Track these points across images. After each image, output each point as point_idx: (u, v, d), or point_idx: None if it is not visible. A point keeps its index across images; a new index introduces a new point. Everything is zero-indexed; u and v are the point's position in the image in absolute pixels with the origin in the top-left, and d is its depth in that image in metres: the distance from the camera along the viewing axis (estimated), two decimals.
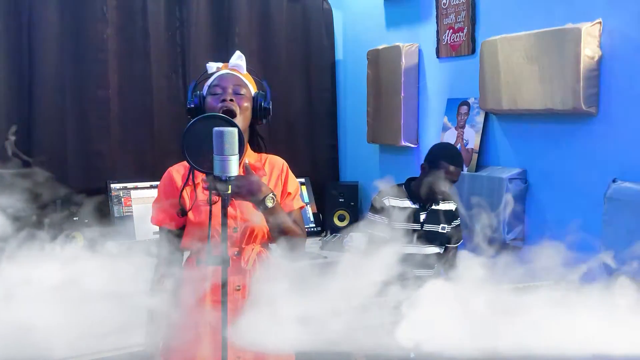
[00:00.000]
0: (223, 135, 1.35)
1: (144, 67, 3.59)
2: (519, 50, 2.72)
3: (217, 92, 1.82)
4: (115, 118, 3.52)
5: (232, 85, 1.84)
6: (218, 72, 1.90)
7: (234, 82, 1.85)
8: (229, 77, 1.86)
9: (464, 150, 3.17)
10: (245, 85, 1.88)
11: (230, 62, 1.92)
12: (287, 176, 1.94)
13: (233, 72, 1.89)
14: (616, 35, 2.40)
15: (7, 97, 3.23)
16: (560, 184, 2.69)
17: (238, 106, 1.80)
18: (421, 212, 2.81)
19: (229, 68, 1.91)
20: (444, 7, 3.37)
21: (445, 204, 2.87)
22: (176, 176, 1.88)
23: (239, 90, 1.84)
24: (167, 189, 1.88)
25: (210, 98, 1.83)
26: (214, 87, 1.84)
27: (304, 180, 3.98)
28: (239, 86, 1.85)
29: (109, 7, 3.46)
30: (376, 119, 3.87)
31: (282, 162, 1.96)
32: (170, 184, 1.88)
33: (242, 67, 1.91)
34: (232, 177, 1.38)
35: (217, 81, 1.85)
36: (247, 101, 1.85)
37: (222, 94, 1.81)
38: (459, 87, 3.31)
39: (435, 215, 2.83)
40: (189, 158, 1.56)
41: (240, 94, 1.83)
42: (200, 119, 1.56)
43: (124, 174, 3.48)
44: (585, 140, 2.56)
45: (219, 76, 1.87)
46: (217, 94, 1.82)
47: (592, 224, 2.43)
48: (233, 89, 1.83)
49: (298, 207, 1.93)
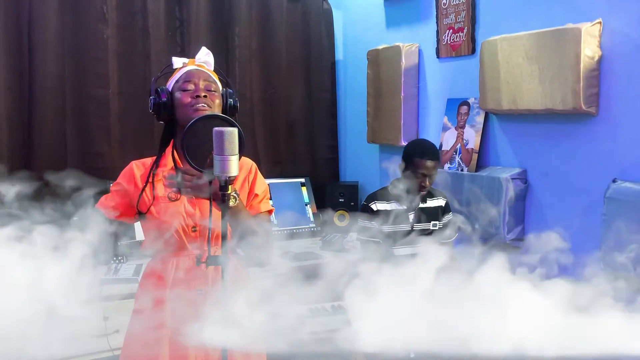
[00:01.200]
0: (223, 135, 1.35)
1: (144, 67, 3.59)
2: (519, 50, 2.72)
3: (188, 87, 1.77)
4: (115, 118, 3.52)
5: (203, 81, 1.79)
6: (184, 67, 1.84)
7: (204, 78, 1.80)
8: (199, 73, 1.81)
9: (464, 150, 3.17)
10: (215, 82, 1.83)
11: (197, 58, 1.87)
12: (255, 177, 1.88)
13: (201, 67, 1.84)
14: (616, 35, 2.40)
15: (7, 97, 3.23)
16: (560, 184, 2.69)
17: (211, 102, 1.77)
18: (409, 213, 2.81)
19: (196, 64, 1.85)
20: (444, 7, 3.37)
21: (434, 200, 2.88)
22: (137, 172, 1.84)
23: (210, 86, 1.79)
24: (123, 181, 1.84)
25: (180, 94, 1.78)
26: (185, 82, 1.78)
27: (304, 180, 3.98)
28: (210, 83, 1.80)
29: (109, 7, 3.46)
30: (376, 119, 3.87)
31: (250, 163, 1.91)
32: (130, 178, 1.84)
33: (210, 63, 1.87)
34: (233, 177, 1.38)
35: (186, 76, 1.80)
36: (218, 98, 1.81)
37: (194, 90, 1.76)
38: (459, 87, 3.31)
39: (424, 214, 2.83)
40: (189, 158, 1.56)
41: (212, 90, 1.79)
42: (200, 119, 1.56)
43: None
44: (585, 140, 2.56)
45: (188, 71, 1.81)
46: (188, 90, 1.77)
47: (592, 224, 2.43)
48: (205, 86, 1.78)
49: (265, 210, 1.87)
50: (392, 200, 2.81)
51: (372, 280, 1.37)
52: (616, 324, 1.36)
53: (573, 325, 1.36)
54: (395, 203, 2.81)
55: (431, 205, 2.86)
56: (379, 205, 2.80)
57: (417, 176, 2.71)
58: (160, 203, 1.78)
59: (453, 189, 3.07)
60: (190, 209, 1.78)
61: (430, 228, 2.83)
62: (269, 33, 4.05)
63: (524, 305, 1.39)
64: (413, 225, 2.81)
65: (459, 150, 3.21)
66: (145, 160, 1.88)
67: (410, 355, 1.43)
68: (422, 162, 2.70)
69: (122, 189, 1.84)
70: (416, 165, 2.71)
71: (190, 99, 1.76)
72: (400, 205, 2.80)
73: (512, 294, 1.40)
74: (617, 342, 1.34)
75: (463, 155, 3.18)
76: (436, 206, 2.87)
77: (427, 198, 2.85)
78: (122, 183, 1.85)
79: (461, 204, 2.98)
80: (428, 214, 2.84)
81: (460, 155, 3.20)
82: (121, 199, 1.84)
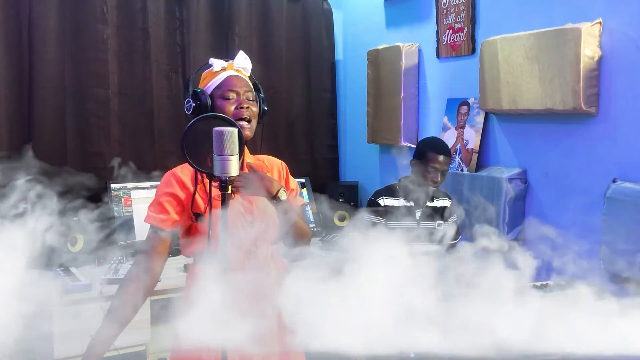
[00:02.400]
0: (223, 135, 1.35)
1: (144, 67, 3.59)
2: (519, 50, 2.72)
3: (231, 97, 1.78)
4: (115, 118, 3.51)
5: (244, 90, 1.80)
6: (224, 71, 1.83)
7: (245, 87, 1.81)
8: (240, 81, 1.81)
9: (464, 150, 3.17)
10: (252, 90, 1.84)
11: (235, 63, 1.85)
12: (287, 174, 1.95)
13: (240, 74, 1.84)
14: (616, 35, 2.40)
15: (7, 97, 3.23)
16: (560, 184, 2.69)
17: (252, 112, 1.79)
18: (416, 210, 2.82)
19: (235, 68, 1.84)
20: (444, 7, 3.37)
21: (440, 200, 2.89)
22: (183, 177, 1.79)
23: (250, 95, 1.81)
24: (172, 189, 1.78)
25: (221, 101, 1.77)
26: (227, 90, 1.78)
27: (304, 180, 3.98)
28: (250, 91, 1.82)
29: (109, 7, 3.46)
30: (376, 119, 3.87)
31: (280, 161, 1.97)
32: (179, 184, 1.79)
33: (248, 69, 1.87)
34: (233, 177, 1.38)
35: (229, 84, 1.79)
36: (256, 106, 1.83)
37: (237, 99, 1.78)
38: (459, 87, 3.31)
39: (431, 212, 2.84)
40: (189, 158, 1.56)
41: (251, 99, 1.81)
42: (200, 119, 1.56)
43: (124, 174, 3.48)
44: (585, 140, 2.56)
45: (229, 78, 1.80)
46: (231, 99, 1.77)
47: (592, 224, 2.43)
48: (245, 95, 1.79)
49: (301, 203, 1.95)
50: (399, 197, 2.83)
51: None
52: (616, 323, 1.36)
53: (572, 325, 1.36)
54: (403, 200, 2.82)
55: (437, 205, 2.87)
56: (386, 200, 2.81)
57: (428, 170, 2.73)
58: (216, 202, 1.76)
59: (453, 189, 3.07)
60: (248, 205, 1.80)
61: (435, 227, 2.84)
62: (269, 33, 4.05)
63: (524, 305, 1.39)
64: (419, 222, 2.82)
65: (459, 150, 3.21)
66: (185, 166, 1.82)
67: (411, 355, 1.43)
68: (436, 157, 2.72)
69: (174, 196, 1.78)
70: (429, 159, 2.72)
71: (234, 109, 1.76)
72: (407, 202, 2.81)
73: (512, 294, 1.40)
74: (617, 341, 1.34)
75: (463, 155, 3.18)
76: (442, 207, 2.88)
77: (434, 197, 2.86)
78: (171, 191, 1.79)
79: (461, 204, 2.98)
80: (434, 213, 2.85)
81: (460, 155, 3.20)
82: (174, 207, 1.78)
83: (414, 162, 2.81)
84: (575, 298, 1.41)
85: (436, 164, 2.72)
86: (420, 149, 2.80)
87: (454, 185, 3.12)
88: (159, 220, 1.77)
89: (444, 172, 2.76)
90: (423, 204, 2.83)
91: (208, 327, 1.31)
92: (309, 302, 1.31)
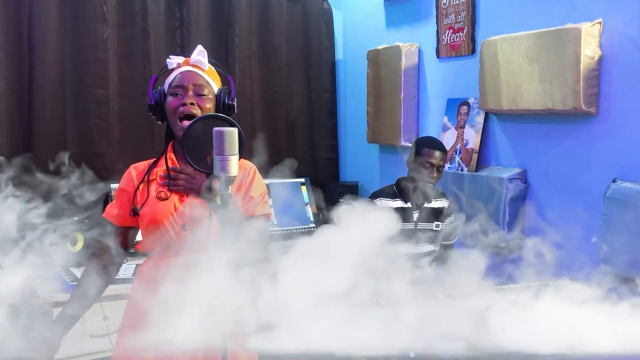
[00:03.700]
0: (223, 135, 1.35)
1: (144, 67, 3.59)
2: (519, 50, 2.71)
3: (178, 92, 1.76)
4: (115, 118, 3.51)
5: (192, 85, 1.76)
6: (179, 68, 1.81)
7: (195, 82, 1.77)
8: (190, 76, 1.78)
9: (464, 150, 3.17)
10: (208, 84, 1.79)
11: (191, 58, 1.83)
12: (253, 180, 1.82)
13: (194, 68, 1.81)
14: (616, 35, 2.40)
15: (7, 97, 3.23)
16: (560, 184, 2.69)
17: (200, 108, 1.74)
18: (414, 211, 2.82)
19: (190, 64, 1.82)
20: (444, 7, 3.37)
21: (438, 201, 2.89)
22: (134, 173, 1.85)
23: (200, 90, 1.76)
24: (124, 185, 1.85)
25: (170, 98, 1.77)
26: (175, 87, 1.77)
27: (304, 180, 3.98)
28: (201, 86, 1.77)
29: (109, 7, 3.46)
30: (376, 119, 3.87)
31: (250, 165, 1.85)
32: (129, 181, 1.84)
33: (203, 63, 1.83)
34: (233, 177, 1.38)
35: (177, 80, 1.78)
36: (210, 102, 1.78)
37: (182, 95, 1.75)
38: (459, 87, 3.31)
39: (429, 213, 2.84)
40: (189, 158, 1.56)
41: (203, 94, 1.76)
42: (201, 119, 1.56)
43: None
44: (585, 140, 2.56)
45: (180, 74, 1.79)
46: (178, 95, 1.76)
47: (592, 224, 2.43)
48: (194, 90, 1.76)
49: (262, 213, 1.81)
50: (397, 198, 2.82)
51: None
52: (615, 323, 1.36)
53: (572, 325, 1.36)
54: (401, 201, 2.82)
55: (435, 206, 2.86)
56: (383, 202, 2.81)
57: (425, 166, 2.73)
58: (152, 201, 1.77)
59: (453, 189, 3.07)
60: (181, 208, 1.76)
61: (432, 228, 2.84)
62: (269, 33, 4.05)
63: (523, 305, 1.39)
64: (417, 224, 2.81)
65: (459, 150, 3.21)
66: (144, 162, 1.88)
67: (411, 355, 1.43)
68: (432, 152, 2.73)
69: (122, 192, 1.85)
70: (425, 155, 2.73)
71: (177, 104, 1.75)
72: (405, 203, 2.81)
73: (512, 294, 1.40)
74: (617, 341, 1.34)
75: (463, 155, 3.18)
76: (439, 207, 2.88)
77: (432, 198, 2.86)
78: (121, 186, 1.86)
79: (461, 204, 2.98)
80: (432, 214, 2.85)
81: (460, 155, 3.20)
82: (122, 202, 1.83)
83: (410, 161, 2.82)
84: (575, 298, 1.42)
85: (432, 159, 2.73)
86: (415, 147, 2.81)
87: (454, 185, 3.12)
88: (109, 215, 1.85)
89: (440, 168, 2.76)
90: (421, 205, 2.83)
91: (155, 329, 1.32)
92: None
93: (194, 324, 1.28)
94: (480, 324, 1.36)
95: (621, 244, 2.25)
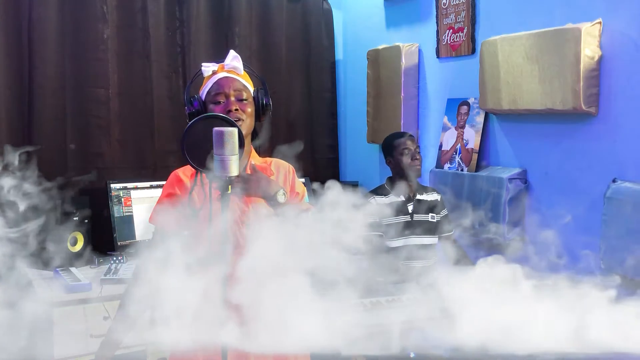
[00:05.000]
0: (223, 135, 1.35)
1: (144, 67, 3.59)
2: (519, 50, 2.72)
3: (220, 100, 1.78)
4: (115, 118, 3.51)
5: (233, 91, 1.79)
6: (215, 75, 1.83)
7: (235, 88, 1.80)
8: (229, 82, 1.80)
9: (464, 150, 3.17)
10: (246, 88, 1.83)
11: (226, 64, 1.85)
12: (294, 177, 1.93)
13: (231, 74, 1.83)
14: (616, 35, 2.40)
15: (7, 97, 3.23)
16: (560, 184, 2.69)
17: (243, 113, 1.78)
18: (408, 203, 2.89)
19: (226, 70, 1.84)
20: (444, 7, 3.37)
21: (430, 194, 2.97)
22: (184, 177, 1.83)
23: (241, 95, 1.80)
24: (173, 190, 1.82)
25: (213, 106, 1.78)
26: (215, 94, 1.79)
27: (304, 180, 3.98)
28: (241, 91, 1.80)
29: (109, 7, 3.46)
30: (376, 119, 3.87)
31: (288, 164, 1.95)
32: (178, 184, 1.82)
33: (239, 68, 1.85)
34: (233, 177, 1.38)
35: (217, 87, 1.79)
36: (250, 105, 1.82)
37: (225, 103, 1.77)
38: (459, 87, 3.31)
39: (423, 205, 2.92)
40: (189, 158, 1.56)
41: (243, 99, 1.79)
42: (201, 119, 1.56)
43: (124, 174, 3.48)
44: (585, 140, 2.56)
45: (218, 81, 1.80)
46: (220, 102, 1.77)
47: (592, 224, 2.43)
48: (235, 96, 1.79)
49: (306, 208, 1.87)
50: (389, 194, 2.90)
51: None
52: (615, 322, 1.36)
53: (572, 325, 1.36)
54: (394, 196, 2.88)
55: (427, 198, 2.95)
56: (377, 200, 2.86)
57: (404, 154, 2.86)
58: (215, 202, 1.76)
59: (453, 189, 3.07)
60: (245, 207, 1.79)
61: (429, 220, 2.90)
62: (269, 33, 4.05)
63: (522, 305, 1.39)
64: (412, 215, 2.86)
65: (459, 150, 3.21)
66: (188, 167, 1.84)
67: (411, 355, 1.44)
68: (402, 141, 2.88)
69: (175, 196, 1.81)
70: (399, 145, 2.87)
71: (222, 112, 1.74)
72: (398, 197, 2.88)
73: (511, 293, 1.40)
74: (617, 340, 1.34)
75: (463, 155, 3.18)
76: (432, 200, 2.96)
77: (423, 192, 2.95)
78: (172, 191, 1.82)
79: (461, 203, 2.99)
80: (425, 205, 2.92)
81: (460, 155, 3.20)
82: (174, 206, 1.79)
83: (388, 160, 2.94)
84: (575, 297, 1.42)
85: (405, 147, 2.87)
86: (385, 144, 2.97)
87: (454, 185, 3.12)
88: (160, 221, 1.80)
89: (417, 150, 2.90)
90: (413, 197, 2.91)
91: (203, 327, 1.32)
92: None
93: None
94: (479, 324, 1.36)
95: (621, 244, 2.25)
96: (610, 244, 2.31)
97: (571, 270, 1.58)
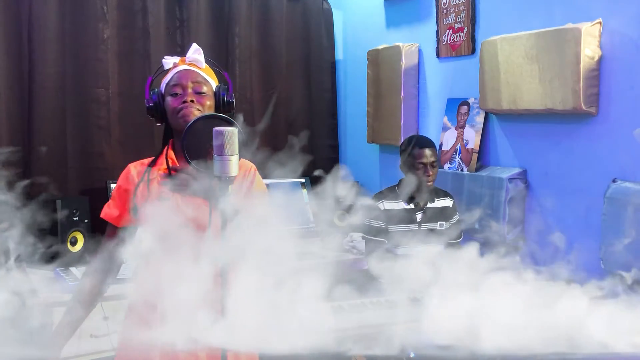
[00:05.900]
0: (223, 135, 1.35)
1: (144, 67, 3.59)
2: (519, 50, 2.71)
3: (177, 91, 1.74)
4: (115, 118, 3.51)
5: (192, 83, 1.75)
6: (175, 67, 1.80)
7: (193, 80, 1.76)
8: (188, 74, 1.76)
9: (464, 150, 3.17)
10: (206, 81, 1.78)
11: (187, 57, 1.82)
12: (253, 180, 1.84)
13: (191, 67, 1.80)
14: (616, 35, 2.40)
15: (7, 97, 3.23)
16: (560, 184, 2.69)
17: (200, 105, 1.73)
18: (417, 212, 2.82)
19: (187, 63, 1.81)
20: (444, 7, 3.37)
21: (442, 200, 2.89)
22: (133, 172, 1.81)
23: (199, 88, 1.75)
24: (122, 183, 1.82)
25: (170, 98, 1.75)
26: (173, 86, 1.75)
27: (304, 180, 3.97)
28: (200, 84, 1.76)
29: (109, 7, 3.46)
30: (376, 119, 3.87)
31: (250, 165, 1.86)
32: (128, 179, 1.81)
33: (200, 61, 1.81)
34: (233, 177, 1.38)
35: (175, 79, 1.76)
36: (210, 99, 1.77)
37: (181, 95, 1.74)
38: (459, 87, 3.31)
39: (432, 214, 2.84)
40: (189, 158, 1.56)
41: (202, 92, 1.75)
42: (201, 119, 1.56)
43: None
44: (585, 140, 2.56)
45: (177, 73, 1.77)
46: (177, 94, 1.74)
47: (592, 224, 2.43)
48: (193, 88, 1.74)
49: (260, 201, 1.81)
50: (399, 200, 2.82)
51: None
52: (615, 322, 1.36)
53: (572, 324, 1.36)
54: (403, 202, 2.81)
55: (439, 205, 2.86)
56: (386, 204, 2.80)
57: (418, 167, 2.73)
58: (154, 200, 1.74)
59: (453, 189, 3.07)
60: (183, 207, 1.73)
61: (437, 228, 2.83)
62: (269, 33, 4.05)
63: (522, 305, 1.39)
64: (420, 225, 2.81)
65: (459, 150, 3.21)
66: (143, 161, 1.85)
67: (411, 355, 1.44)
68: (421, 152, 2.73)
69: (122, 190, 1.82)
70: (415, 156, 2.73)
71: (178, 104, 1.73)
72: (407, 204, 2.80)
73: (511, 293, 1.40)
74: (617, 340, 1.34)
75: (463, 155, 3.18)
76: (444, 207, 2.88)
77: (435, 198, 2.86)
78: (120, 185, 1.83)
79: (461, 204, 2.98)
80: (435, 214, 2.85)
81: (460, 155, 3.20)
82: (122, 201, 1.81)
83: (402, 166, 2.83)
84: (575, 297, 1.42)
85: (422, 159, 2.73)
86: (403, 149, 2.83)
87: (454, 185, 3.12)
88: (109, 216, 1.82)
89: (434, 164, 2.76)
90: (424, 205, 2.83)
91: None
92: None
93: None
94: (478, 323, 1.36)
95: (621, 244, 2.25)
96: (610, 244, 2.31)
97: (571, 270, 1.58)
